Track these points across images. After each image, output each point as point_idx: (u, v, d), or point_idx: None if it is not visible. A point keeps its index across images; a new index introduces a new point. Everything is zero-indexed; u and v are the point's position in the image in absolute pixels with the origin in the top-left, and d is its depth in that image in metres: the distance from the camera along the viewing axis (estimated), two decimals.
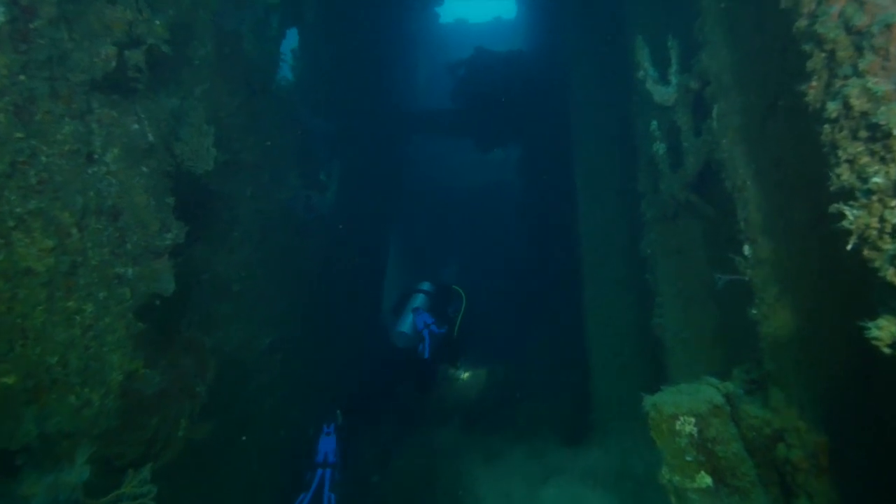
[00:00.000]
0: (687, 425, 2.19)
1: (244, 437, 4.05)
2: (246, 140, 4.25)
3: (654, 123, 3.69)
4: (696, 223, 3.64)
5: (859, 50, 1.48)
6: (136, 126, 2.86)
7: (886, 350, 1.37)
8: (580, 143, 5.72)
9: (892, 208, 1.37)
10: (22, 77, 2.36)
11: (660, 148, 3.64)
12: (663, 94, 3.36)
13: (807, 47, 1.65)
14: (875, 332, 1.38)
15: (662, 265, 3.73)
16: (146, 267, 3.03)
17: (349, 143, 6.80)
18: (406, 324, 4.87)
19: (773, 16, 2.74)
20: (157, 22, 2.71)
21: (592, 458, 3.91)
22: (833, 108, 1.52)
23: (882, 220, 1.39)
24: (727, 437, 2.20)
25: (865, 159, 1.45)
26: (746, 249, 2.51)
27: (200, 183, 3.29)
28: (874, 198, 1.41)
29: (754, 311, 2.40)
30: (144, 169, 3.01)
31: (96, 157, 2.75)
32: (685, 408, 2.20)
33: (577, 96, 5.93)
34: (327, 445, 4.67)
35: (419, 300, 5.07)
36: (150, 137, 2.93)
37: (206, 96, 3.59)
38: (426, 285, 5.29)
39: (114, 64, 2.67)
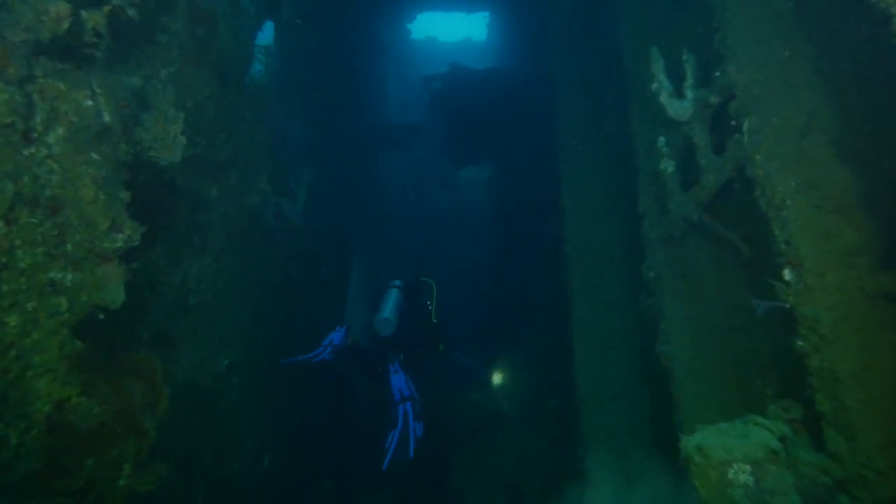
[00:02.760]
0: (741, 474, 1.90)
1: None
2: (215, 135, 3.78)
3: (662, 140, 3.52)
4: (706, 245, 3.46)
5: None
6: (88, 102, 2.38)
7: None
8: (567, 160, 5.55)
9: None
10: None
11: (668, 166, 3.46)
12: (678, 108, 3.19)
13: None
14: None
15: (668, 289, 3.51)
16: (89, 273, 2.51)
17: (322, 149, 6.38)
18: (387, 310, 4.65)
19: (805, 26, 2.62)
20: None
21: None
22: None
23: None
24: (786, 488, 1.92)
25: None
26: (787, 274, 2.30)
27: (164, 177, 2.81)
28: None
29: (801, 343, 2.18)
30: (95, 155, 2.51)
31: (35, 135, 2.25)
32: (739, 453, 1.91)
33: (564, 114, 5.79)
34: (399, 382, 4.55)
35: (393, 295, 4.85)
36: (106, 118, 2.45)
37: (173, 80, 3.12)
38: (397, 282, 5.14)
39: (66, 25, 2.20)
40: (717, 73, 2.91)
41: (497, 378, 7.16)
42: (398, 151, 11.02)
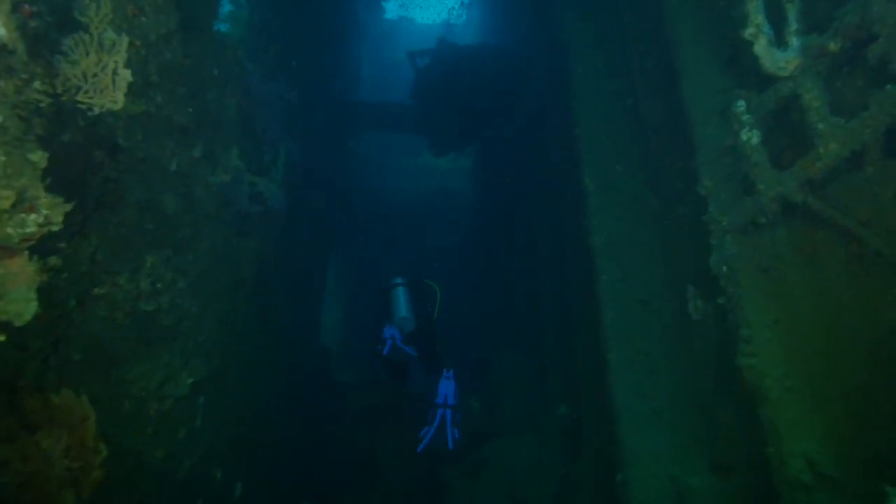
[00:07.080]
0: None
1: None
2: (174, 90, 2.90)
3: (741, 104, 2.87)
4: (791, 234, 2.84)
5: None
6: None
7: None
8: (587, 138, 4.88)
9: None
10: None
11: (752, 136, 2.82)
12: (779, 60, 2.54)
13: None
14: None
15: (749, 288, 2.88)
16: None
17: (303, 120, 5.50)
18: (403, 308, 4.58)
19: None
20: None
21: None
22: None
23: None
24: None
25: None
26: None
27: (99, 133, 1.95)
28: None
29: None
30: None
31: None
32: None
33: (580, 85, 5.11)
34: (447, 388, 4.77)
35: (401, 294, 4.66)
36: (1, 31, 1.59)
37: (115, 5, 2.25)
38: (400, 279, 4.81)
39: None
40: (844, 12, 2.26)
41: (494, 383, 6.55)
42: (384, 132, 10.13)
